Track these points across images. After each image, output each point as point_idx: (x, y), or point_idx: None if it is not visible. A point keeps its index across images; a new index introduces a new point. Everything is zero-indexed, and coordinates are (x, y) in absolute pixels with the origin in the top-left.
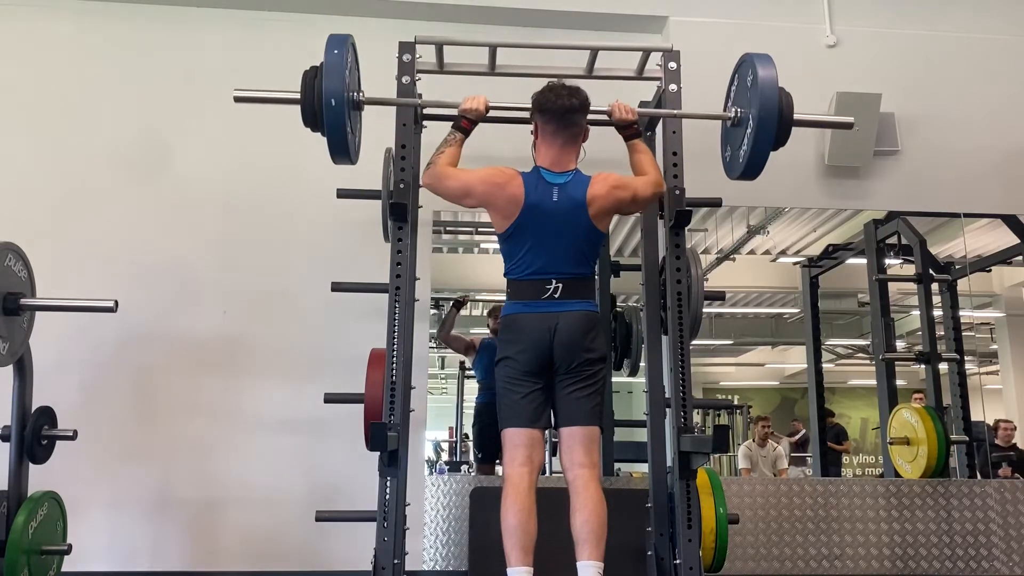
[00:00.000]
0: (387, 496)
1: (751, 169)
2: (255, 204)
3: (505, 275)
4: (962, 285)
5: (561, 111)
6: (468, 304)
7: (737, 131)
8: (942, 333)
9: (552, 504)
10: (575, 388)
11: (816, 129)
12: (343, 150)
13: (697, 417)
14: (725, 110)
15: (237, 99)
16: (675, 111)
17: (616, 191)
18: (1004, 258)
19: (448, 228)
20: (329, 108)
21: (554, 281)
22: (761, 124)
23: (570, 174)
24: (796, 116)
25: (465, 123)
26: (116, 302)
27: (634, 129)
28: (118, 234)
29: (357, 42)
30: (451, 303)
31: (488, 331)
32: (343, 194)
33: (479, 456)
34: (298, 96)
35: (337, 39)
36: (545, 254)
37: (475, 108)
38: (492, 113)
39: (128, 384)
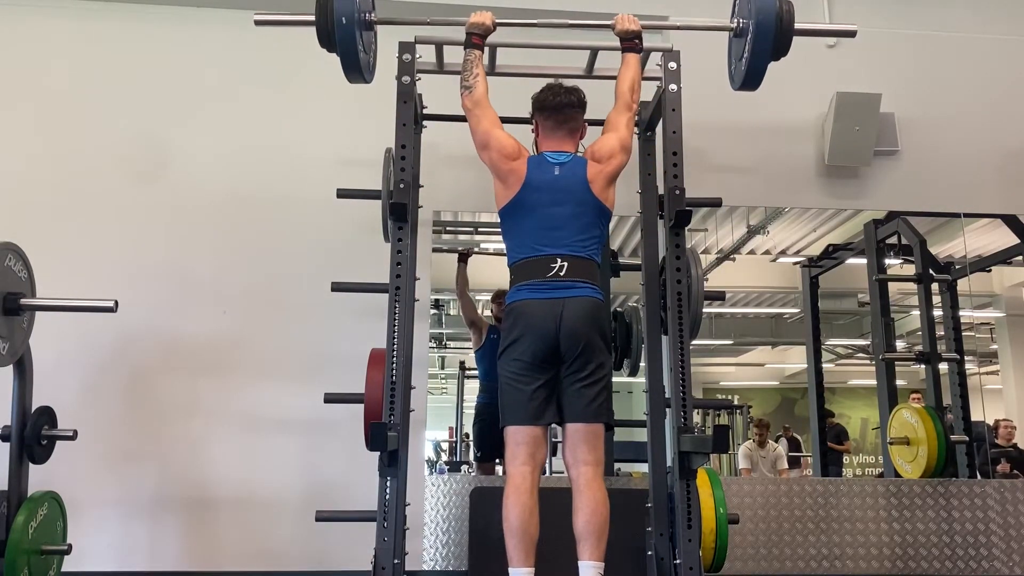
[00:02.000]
0: (387, 496)
1: (751, 78)
2: (255, 204)
3: (509, 262)
4: (962, 285)
5: (560, 106)
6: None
7: (740, 41)
8: (942, 333)
9: (554, 504)
10: (581, 382)
11: (815, 129)
12: (355, 67)
13: (697, 417)
14: (730, 22)
15: (257, 22)
16: (677, 23)
17: (610, 162)
18: (1004, 258)
19: (448, 228)
20: (340, 27)
21: (559, 259)
22: (759, 31)
23: (570, 154)
24: (797, 25)
25: (476, 39)
26: (116, 302)
27: (633, 43)
28: (118, 234)
29: None
30: (457, 257)
31: (493, 319)
32: (343, 194)
33: (479, 455)
34: (313, 19)
35: None
36: (548, 229)
37: (482, 22)
38: (499, 114)
39: (128, 384)
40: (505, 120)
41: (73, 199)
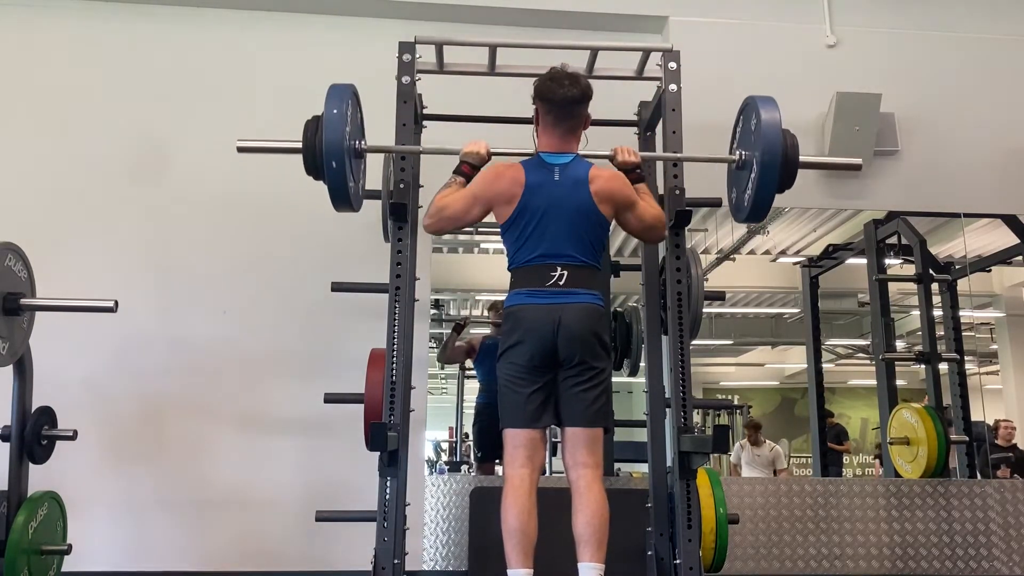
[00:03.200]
0: (387, 496)
1: (756, 212)
2: (255, 204)
3: (509, 267)
4: (962, 285)
5: (562, 102)
6: (467, 326)
7: (742, 174)
8: (942, 333)
9: (553, 505)
10: (580, 387)
11: (815, 129)
12: (344, 200)
13: (697, 417)
14: (731, 152)
15: (240, 149)
16: (677, 155)
17: (620, 183)
18: (1004, 258)
19: None
20: (331, 169)
21: (559, 268)
22: (765, 168)
23: (571, 155)
24: (802, 159)
25: (467, 168)
26: (116, 302)
27: (636, 174)
28: (118, 234)
29: (357, 42)
30: (452, 327)
31: (489, 328)
32: None
33: (479, 456)
34: (299, 146)
35: (337, 92)
36: (549, 236)
37: (477, 152)
38: (491, 112)
39: (128, 384)
40: (505, 120)
41: (72, 199)
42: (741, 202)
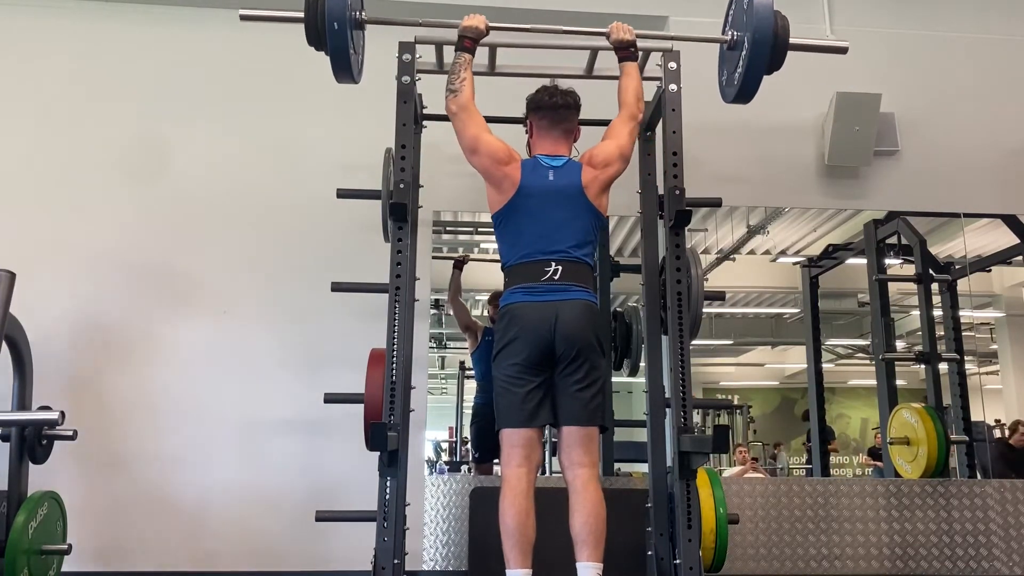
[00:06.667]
0: (387, 496)
1: (744, 92)
2: (255, 204)
3: (503, 266)
4: (962, 285)
5: (555, 106)
6: (468, 262)
7: (733, 54)
8: (942, 333)
9: (551, 505)
10: (577, 385)
11: (815, 129)
12: (346, 68)
13: (697, 417)
14: (723, 33)
15: (243, 17)
16: (671, 34)
17: (606, 169)
18: (1004, 258)
19: (448, 228)
20: (332, 31)
21: (553, 263)
22: (755, 46)
23: (564, 158)
24: (791, 40)
25: (468, 42)
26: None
27: (630, 52)
28: (118, 234)
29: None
30: (452, 264)
31: (489, 320)
32: (343, 194)
33: (476, 456)
34: (302, 16)
35: None
36: (542, 233)
37: (475, 26)
38: (491, 112)
39: (128, 384)
40: (505, 120)
41: (72, 199)
42: (731, 81)
